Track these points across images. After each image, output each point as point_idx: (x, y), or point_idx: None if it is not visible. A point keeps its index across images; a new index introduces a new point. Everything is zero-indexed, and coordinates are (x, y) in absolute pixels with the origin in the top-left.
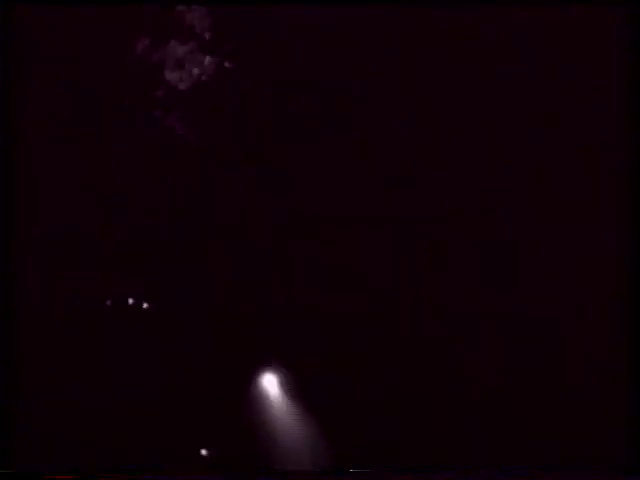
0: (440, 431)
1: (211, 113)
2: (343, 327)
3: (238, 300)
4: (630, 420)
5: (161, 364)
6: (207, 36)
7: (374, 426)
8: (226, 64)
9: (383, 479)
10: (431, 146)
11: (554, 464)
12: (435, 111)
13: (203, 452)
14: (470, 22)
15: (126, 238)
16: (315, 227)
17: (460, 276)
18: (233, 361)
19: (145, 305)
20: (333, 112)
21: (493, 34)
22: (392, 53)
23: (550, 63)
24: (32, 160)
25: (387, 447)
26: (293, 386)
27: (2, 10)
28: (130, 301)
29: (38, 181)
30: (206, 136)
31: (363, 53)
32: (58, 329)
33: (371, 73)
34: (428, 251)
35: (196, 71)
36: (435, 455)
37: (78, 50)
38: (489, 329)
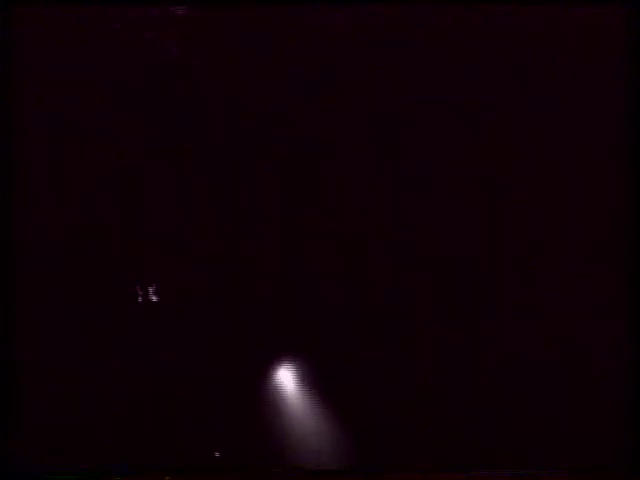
0: (443, 431)
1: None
2: (357, 324)
3: (254, 295)
4: (631, 421)
5: (165, 362)
6: None
7: (383, 427)
8: None
9: (384, 479)
10: (429, 149)
11: (555, 465)
12: (432, 111)
13: (216, 454)
14: (468, 22)
15: (130, 237)
16: (327, 217)
17: (465, 279)
18: (245, 359)
19: (149, 302)
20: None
21: (491, 34)
22: (394, 52)
23: (549, 63)
24: (32, 159)
25: (394, 447)
26: (308, 384)
27: (2, 10)
28: (134, 298)
29: (38, 180)
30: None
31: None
32: (59, 328)
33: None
34: (433, 251)
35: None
36: (436, 456)
37: (78, 50)
38: (491, 332)
